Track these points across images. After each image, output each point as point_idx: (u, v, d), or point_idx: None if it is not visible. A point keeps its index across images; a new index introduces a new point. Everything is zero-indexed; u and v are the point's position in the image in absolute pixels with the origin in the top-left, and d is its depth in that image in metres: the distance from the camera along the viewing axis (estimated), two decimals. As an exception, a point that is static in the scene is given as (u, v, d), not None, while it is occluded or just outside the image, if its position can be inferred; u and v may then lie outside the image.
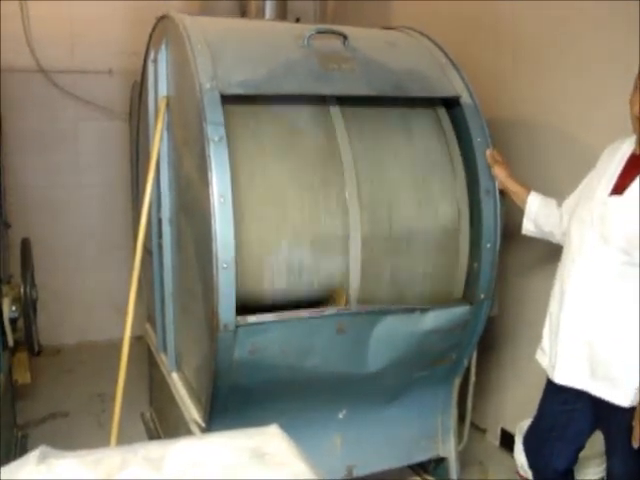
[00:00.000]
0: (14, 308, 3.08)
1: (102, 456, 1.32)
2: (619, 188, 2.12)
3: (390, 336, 2.65)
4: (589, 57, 2.91)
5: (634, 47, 2.54)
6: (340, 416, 2.84)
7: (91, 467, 1.28)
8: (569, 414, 2.32)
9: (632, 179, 2.09)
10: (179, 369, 3.10)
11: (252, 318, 2.38)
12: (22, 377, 3.64)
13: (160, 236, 3.05)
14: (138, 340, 3.70)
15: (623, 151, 2.19)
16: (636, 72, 2.10)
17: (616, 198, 2.11)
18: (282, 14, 4.33)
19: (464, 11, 3.71)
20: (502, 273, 2.86)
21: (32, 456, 1.28)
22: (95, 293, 5.13)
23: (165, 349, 3.20)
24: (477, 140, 2.73)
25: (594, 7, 2.85)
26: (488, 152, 2.72)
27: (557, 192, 2.59)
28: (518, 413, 3.28)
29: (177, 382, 3.03)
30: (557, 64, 3.08)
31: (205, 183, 2.30)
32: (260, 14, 4.25)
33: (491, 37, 3.51)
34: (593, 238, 2.14)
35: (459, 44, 3.25)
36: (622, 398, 2.09)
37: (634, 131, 2.13)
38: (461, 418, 3.11)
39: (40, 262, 3.60)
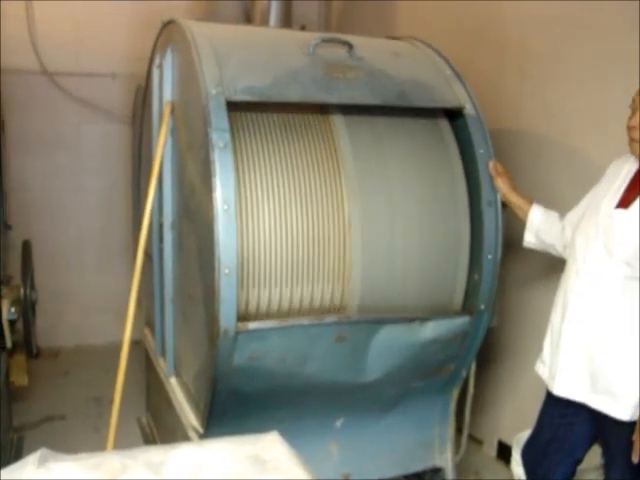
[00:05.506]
0: (13, 310, 3.07)
1: (102, 460, 1.32)
2: (625, 202, 2.14)
3: (389, 345, 2.65)
4: (594, 70, 2.92)
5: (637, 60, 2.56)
6: (337, 424, 2.84)
7: (91, 471, 1.28)
8: (568, 427, 2.32)
9: (638, 194, 2.11)
10: (177, 374, 3.09)
11: (252, 325, 2.38)
12: (19, 379, 3.63)
13: (161, 241, 3.05)
14: (135, 345, 3.68)
15: (629, 166, 2.21)
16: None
17: (622, 211, 2.13)
18: (287, 19, 4.36)
19: (469, 22, 3.73)
20: (502, 284, 2.86)
21: (32, 458, 1.28)
22: (94, 296, 5.12)
23: (164, 354, 3.20)
24: (480, 151, 2.74)
25: (600, 20, 2.87)
26: (491, 163, 2.72)
27: (560, 204, 2.60)
28: (515, 425, 3.27)
29: (175, 387, 3.03)
30: (561, 76, 3.09)
31: (209, 189, 2.30)
32: (265, 19, 4.28)
33: (496, 49, 3.52)
34: (598, 250, 2.15)
35: (463, 55, 3.26)
36: (622, 412, 2.09)
37: (632, 153, 2.17)
38: (458, 429, 3.11)
39: (40, 264, 3.59)
